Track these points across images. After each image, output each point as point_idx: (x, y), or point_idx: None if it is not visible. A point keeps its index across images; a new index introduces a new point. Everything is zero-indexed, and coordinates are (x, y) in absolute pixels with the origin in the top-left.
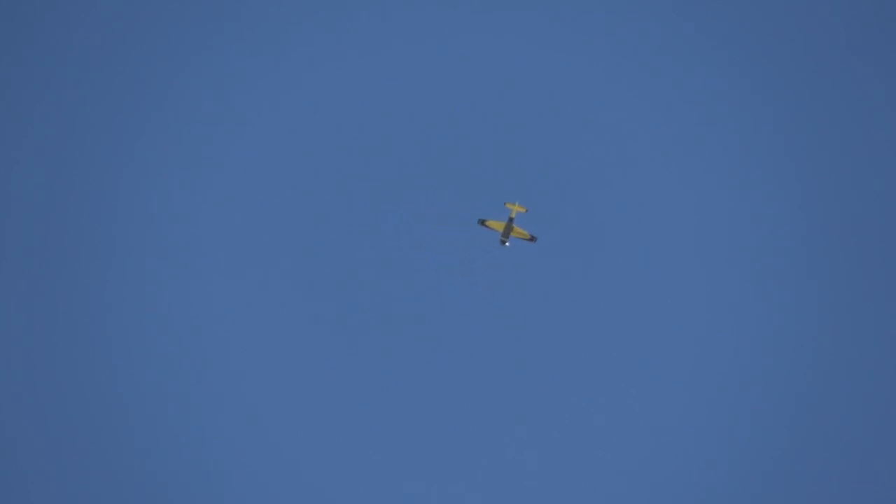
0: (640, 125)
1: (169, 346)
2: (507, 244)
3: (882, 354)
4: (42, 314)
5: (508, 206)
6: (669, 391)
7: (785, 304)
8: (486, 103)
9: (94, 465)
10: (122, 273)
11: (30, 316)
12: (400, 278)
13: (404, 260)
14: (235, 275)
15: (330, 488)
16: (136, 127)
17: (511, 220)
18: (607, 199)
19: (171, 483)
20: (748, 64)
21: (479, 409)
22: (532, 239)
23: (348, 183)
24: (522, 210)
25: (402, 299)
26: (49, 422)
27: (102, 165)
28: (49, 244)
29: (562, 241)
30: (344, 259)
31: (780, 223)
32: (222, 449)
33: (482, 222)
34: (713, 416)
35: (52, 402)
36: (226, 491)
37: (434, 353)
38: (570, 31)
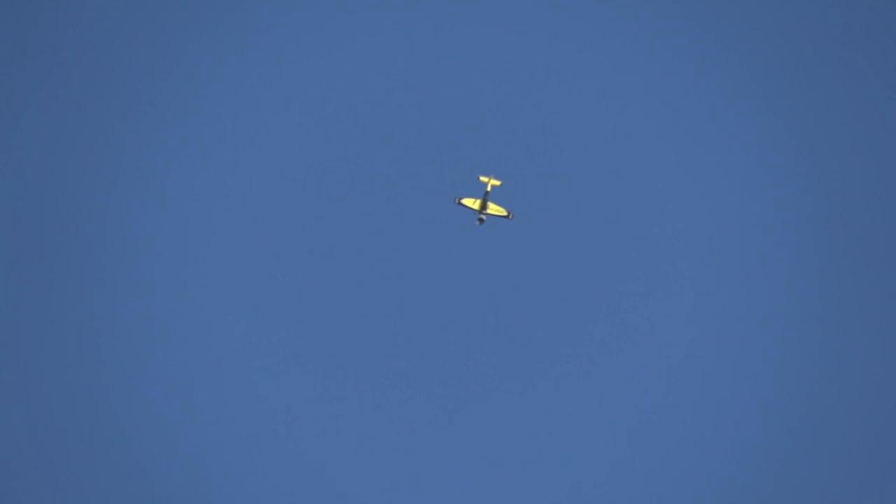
0: (639, 124)
1: (167, 347)
2: (483, 221)
3: (883, 354)
4: (42, 314)
5: (483, 179)
6: (669, 389)
7: (783, 301)
8: (488, 102)
9: (92, 465)
10: (121, 274)
11: (29, 317)
12: (397, 276)
13: (402, 259)
14: (233, 275)
15: (328, 489)
16: (136, 127)
17: (486, 194)
18: (610, 195)
19: (169, 483)
20: (748, 64)
21: (480, 409)
22: (508, 215)
23: (347, 183)
24: (497, 183)
25: (400, 298)
26: (47, 422)
27: (102, 166)
28: (49, 245)
29: (563, 239)
30: (342, 259)
31: (779, 222)
32: (220, 449)
33: (459, 201)
34: (711, 412)
35: (52, 403)
36: (224, 491)
37: (434, 351)
38: (570, 31)
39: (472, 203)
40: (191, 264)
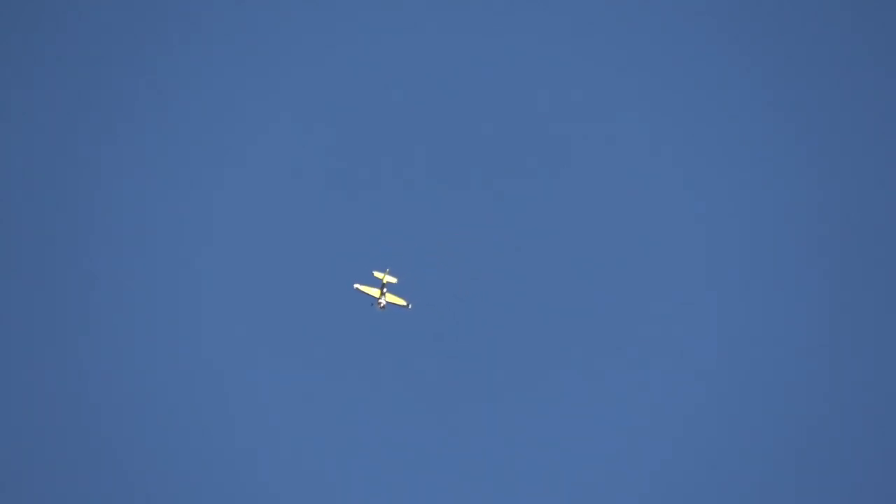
0: (640, 124)
1: (165, 345)
2: (382, 307)
3: (886, 356)
4: (40, 313)
5: (378, 275)
6: (670, 391)
7: (782, 300)
8: (486, 104)
9: (88, 462)
10: (118, 273)
11: (27, 315)
12: (396, 276)
13: (401, 258)
14: (231, 274)
15: (326, 488)
16: (135, 126)
17: (383, 286)
18: (614, 197)
19: (165, 481)
20: (749, 64)
21: (481, 413)
22: (407, 305)
23: (345, 182)
24: (392, 280)
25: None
26: (46, 420)
27: (102, 169)
28: (50, 248)
29: (565, 241)
30: (342, 257)
31: (781, 222)
32: (218, 448)
33: (357, 288)
34: (712, 413)
35: (49, 399)
36: (223, 490)
37: (433, 360)
38: (567, 31)
39: (370, 291)
40: (188, 263)
